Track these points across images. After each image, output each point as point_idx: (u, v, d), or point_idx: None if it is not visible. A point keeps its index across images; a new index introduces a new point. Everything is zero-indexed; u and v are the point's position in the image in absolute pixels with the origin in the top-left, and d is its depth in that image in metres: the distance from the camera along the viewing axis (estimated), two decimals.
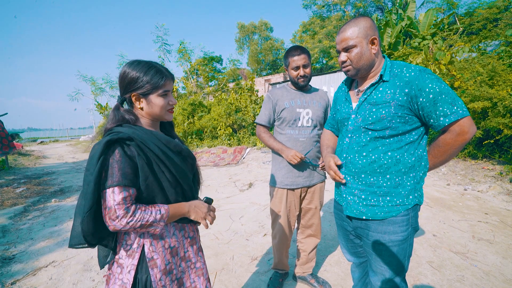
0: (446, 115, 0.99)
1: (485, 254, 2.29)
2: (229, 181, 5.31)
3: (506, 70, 4.43)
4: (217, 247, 2.67)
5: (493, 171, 4.24)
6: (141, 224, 0.84)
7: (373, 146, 1.10)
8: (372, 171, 1.10)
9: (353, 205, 1.17)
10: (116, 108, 0.96)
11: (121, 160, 0.84)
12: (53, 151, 14.05)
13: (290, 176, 1.79)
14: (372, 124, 1.08)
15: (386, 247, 1.11)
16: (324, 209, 3.47)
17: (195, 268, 1.05)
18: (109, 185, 0.82)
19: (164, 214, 0.89)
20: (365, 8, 23.83)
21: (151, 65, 0.96)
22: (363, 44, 1.08)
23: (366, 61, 1.10)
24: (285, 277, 2.07)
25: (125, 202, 0.82)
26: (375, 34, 1.09)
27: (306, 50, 1.73)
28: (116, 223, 0.81)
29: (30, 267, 2.45)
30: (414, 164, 1.08)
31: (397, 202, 1.08)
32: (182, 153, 1.01)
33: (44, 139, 26.89)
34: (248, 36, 30.78)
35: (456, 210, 3.22)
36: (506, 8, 12.00)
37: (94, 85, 17.54)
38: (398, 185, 1.08)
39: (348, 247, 1.36)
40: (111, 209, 0.81)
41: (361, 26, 1.08)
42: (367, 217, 1.12)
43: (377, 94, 1.09)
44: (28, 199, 4.65)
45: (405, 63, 1.09)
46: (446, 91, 0.99)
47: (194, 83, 15.69)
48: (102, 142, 0.84)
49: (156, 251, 0.92)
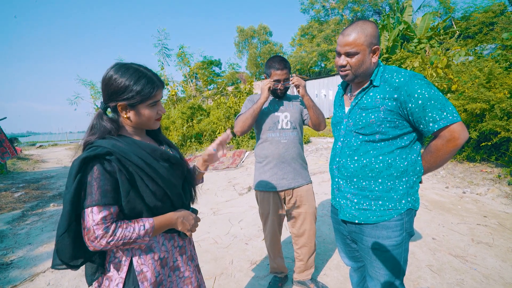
0: (435, 121, 0.99)
1: (485, 257, 2.29)
2: (228, 185, 5.31)
3: (502, 73, 4.48)
4: (216, 251, 2.66)
5: (491, 173, 4.25)
6: (124, 243, 0.80)
7: (364, 150, 1.10)
8: (364, 175, 1.11)
9: (346, 208, 1.18)
10: (99, 116, 0.90)
11: (99, 178, 0.79)
12: (52, 155, 14.01)
13: (274, 179, 1.81)
14: (362, 128, 1.09)
15: (380, 252, 1.11)
16: (323, 213, 3.47)
17: (183, 278, 1.02)
18: (87, 205, 0.78)
19: (148, 229, 0.85)
20: (362, 12, 24.05)
21: (142, 73, 0.89)
22: (366, 52, 1.07)
23: (365, 69, 1.10)
24: (284, 281, 2.06)
25: (105, 222, 0.78)
26: (378, 43, 1.10)
27: (289, 64, 1.81)
28: (95, 243, 0.77)
29: (28, 273, 2.43)
30: (406, 169, 1.08)
31: (389, 206, 1.08)
32: (170, 160, 0.96)
33: (43, 143, 26.80)
34: (247, 40, 30.98)
35: (455, 213, 3.22)
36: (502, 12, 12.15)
37: (94, 89, 17.55)
38: (390, 189, 1.08)
39: (346, 251, 1.37)
40: (90, 230, 0.77)
41: (367, 33, 1.06)
42: (360, 221, 1.13)
43: (367, 99, 1.10)
44: (26, 203, 4.63)
45: (396, 69, 1.08)
46: (436, 97, 0.99)
47: (193, 87, 15.74)
48: (79, 159, 0.79)
49: (145, 263, 0.89)
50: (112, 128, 0.89)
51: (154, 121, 0.96)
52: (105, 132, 0.88)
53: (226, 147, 7.50)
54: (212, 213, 3.79)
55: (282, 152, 1.79)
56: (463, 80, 4.98)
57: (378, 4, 22.61)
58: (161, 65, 15.72)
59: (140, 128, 0.98)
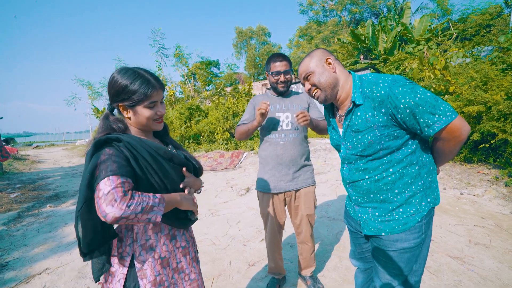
0: (429, 126, 0.95)
1: (482, 258, 2.29)
2: (226, 186, 5.29)
3: (499, 75, 4.50)
4: (214, 252, 2.65)
5: (488, 175, 4.27)
6: (142, 208, 0.78)
7: (372, 168, 1.08)
8: (379, 190, 1.09)
9: (370, 223, 1.14)
10: (106, 116, 0.94)
11: (114, 154, 0.82)
12: (48, 156, 13.91)
13: (272, 181, 1.81)
14: (363, 151, 1.07)
15: (396, 254, 1.09)
16: (321, 214, 3.47)
17: (189, 280, 1.01)
18: (104, 175, 0.77)
19: (161, 199, 0.85)
20: (360, 14, 24.16)
21: (139, 75, 0.91)
22: (319, 68, 1.11)
23: (327, 80, 1.09)
24: (282, 282, 2.05)
25: (123, 186, 0.78)
26: (329, 55, 1.13)
27: (288, 58, 1.80)
28: (115, 208, 0.73)
29: (23, 275, 2.41)
30: (419, 172, 1.06)
31: (411, 212, 1.06)
32: (173, 160, 0.97)
33: (39, 143, 26.63)
34: (245, 41, 30.98)
35: (452, 214, 3.23)
36: (498, 14, 12.25)
37: (91, 89, 17.47)
38: (408, 197, 1.06)
39: (356, 252, 1.36)
40: (109, 194, 0.74)
41: (313, 55, 1.13)
42: (386, 233, 1.09)
43: (357, 120, 1.06)
44: (22, 204, 4.59)
45: (373, 79, 1.03)
46: (423, 101, 0.92)
47: (192, 87, 15.71)
48: (92, 144, 0.85)
49: (145, 261, 0.90)
50: (118, 128, 0.92)
51: (153, 122, 0.97)
52: (111, 130, 0.91)
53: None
54: (210, 214, 3.77)
55: (280, 153, 1.78)
56: (460, 82, 5.01)
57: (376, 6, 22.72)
58: (159, 65, 15.68)
59: (144, 130, 1.00)
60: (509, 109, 3.93)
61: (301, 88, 14.80)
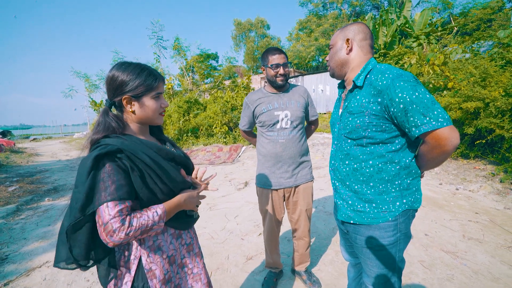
0: (417, 126, 0.93)
1: (475, 253, 2.34)
2: (224, 180, 5.32)
3: (498, 72, 4.50)
4: (212, 246, 2.68)
5: (484, 171, 4.32)
6: (142, 231, 0.81)
7: (354, 155, 1.11)
8: (355, 179, 1.12)
9: (342, 209, 1.20)
10: (105, 112, 0.92)
11: (113, 173, 0.81)
12: (46, 149, 13.86)
13: (272, 177, 1.83)
14: (350, 133, 1.10)
15: (373, 250, 1.13)
16: (318, 208, 3.51)
17: (192, 274, 1.05)
18: (102, 200, 0.78)
19: (161, 215, 0.86)
20: (361, 7, 23.86)
21: (143, 67, 0.94)
22: (338, 45, 1.16)
23: (336, 60, 1.17)
24: (279, 276, 2.09)
25: (121, 214, 0.79)
26: (355, 35, 1.13)
27: (285, 52, 1.81)
28: (114, 237, 0.76)
29: (23, 268, 2.44)
30: (399, 172, 1.06)
31: (382, 209, 1.08)
32: (175, 160, 0.99)
33: (37, 136, 26.48)
34: (244, 34, 30.62)
35: (447, 210, 3.28)
36: (500, 9, 12.15)
37: (88, 81, 17.31)
38: (382, 193, 1.08)
39: (346, 246, 1.40)
40: (107, 224, 0.76)
41: (344, 30, 1.16)
42: (355, 221, 1.14)
43: (355, 102, 1.09)
44: (20, 198, 4.60)
45: (384, 69, 1.03)
46: (419, 100, 0.91)
47: (190, 81, 15.59)
48: (91, 157, 0.80)
49: (154, 262, 0.91)
50: (117, 127, 0.91)
51: (158, 115, 0.98)
52: (109, 129, 0.89)
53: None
54: (208, 208, 3.80)
55: (279, 151, 1.79)
56: (459, 78, 5.01)
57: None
58: (157, 57, 15.52)
59: (145, 126, 1.00)
60: (506, 105, 3.94)
61: (300, 82, 14.71)
